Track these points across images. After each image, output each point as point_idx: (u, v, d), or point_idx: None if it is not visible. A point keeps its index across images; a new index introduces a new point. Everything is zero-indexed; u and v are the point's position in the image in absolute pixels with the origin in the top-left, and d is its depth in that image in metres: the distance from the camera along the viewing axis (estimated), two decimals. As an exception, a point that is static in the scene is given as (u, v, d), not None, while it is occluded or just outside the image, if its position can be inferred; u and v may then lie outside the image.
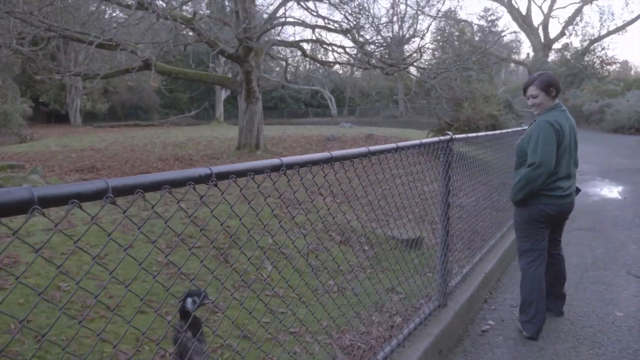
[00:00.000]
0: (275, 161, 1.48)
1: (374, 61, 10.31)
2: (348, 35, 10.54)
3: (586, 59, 33.68)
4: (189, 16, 10.13)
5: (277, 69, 32.63)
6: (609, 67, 34.70)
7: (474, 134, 3.56)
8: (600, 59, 33.81)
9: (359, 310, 4.10)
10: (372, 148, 2.11)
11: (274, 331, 3.67)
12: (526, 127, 3.97)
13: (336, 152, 1.77)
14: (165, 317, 3.84)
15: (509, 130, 4.94)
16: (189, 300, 2.02)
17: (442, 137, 2.74)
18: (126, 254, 1.29)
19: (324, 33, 13.24)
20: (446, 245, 3.13)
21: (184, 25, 9.63)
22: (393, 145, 2.42)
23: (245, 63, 10.79)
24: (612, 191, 9.75)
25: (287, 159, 1.56)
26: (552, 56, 38.37)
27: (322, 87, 35.68)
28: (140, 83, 32.40)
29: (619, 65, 39.98)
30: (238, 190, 1.67)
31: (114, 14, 15.03)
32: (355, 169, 2.03)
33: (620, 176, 11.51)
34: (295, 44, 12.93)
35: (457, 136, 2.94)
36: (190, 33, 10.72)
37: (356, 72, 37.12)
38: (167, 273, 4.70)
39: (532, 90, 3.56)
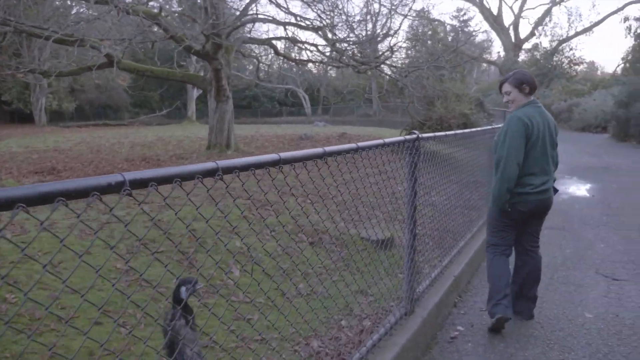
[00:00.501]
0: (210, 165, 1.34)
1: (345, 59, 10.18)
2: (320, 32, 10.39)
3: (555, 59, 34.41)
4: (155, 11, 9.82)
5: (250, 67, 32.32)
6: (576, 67, 35.55)
7: (442, 133, 3.42)
8: (569, 59, 34.60)
9: (329, 314, 3.96)
10: (329, 149, 1.96)
11: (239, 340, 3.49)
12: (499, 125, 4.00)
13: (285, 154, 1.61)
14: (124, 327, 3.64)
15: (478, 129, 4.85)
16: (183, 288, 2.02)
17: (407, 136, 2.59)
18: (81, 260, 1.21)
19: (297, 31, 13.10)
20: (413, 249, 2.99)
21: (149, 22, 9.31)
22: (353, 145, 2.26)
23: (214, 60, 10.53)
24: (580, 189, 9.85)
25: (223, 163, 1.43)
26: (522, 56, 39.05)
27: (296, 86, 35.47)
28: (108, 81, 31.55)
29: (586, 65, 40.96)
30: (203, 192, 1.58)
31: (81, 10, 14.56)
32: (309, 171, 1.86)
33: (588, 174, 11.67)
34: (267, 42, 12.70)
35: (425, 135, 2.80)
36: (156, 29, 10.39)
37: (330, 71, 37.08)
38: (126, 280, 4.47)
39: (506, 87, 3.67)
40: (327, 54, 12.00)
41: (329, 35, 10.17)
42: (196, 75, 12.45)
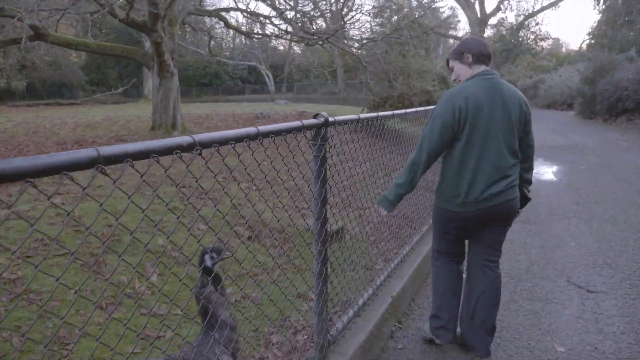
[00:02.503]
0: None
1: (295, 30, 9.36)
2: (267, 1, 9.51)
3: (521, 34, 34.23)
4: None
5: (213, 42, 30.93)
6: (542, 42, 35.43)
7: (354, 116, 2.39)
8: (534, 35, 34.43)
9: (259, 327, 3.34)
10: (198, 137, 1.41)
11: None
12: None
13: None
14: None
15: (416, 109, 4.10)
16: (206, 257, 2.05)
17: (311, 120, 1.86)
18: None
19: (253, 3, 12.12)
20: (324, 278, 2.24)
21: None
22: (254, 129, 1.78)
23: (153, 33, 9.55)
24: (546, 172, 9.12)
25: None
26: (488, 32, 38.70)
27: (258, 63, 34.25)
28: (59, 58, 29.75)
29: (551, 41, 40.94)
30: (129, 180, 1.21)
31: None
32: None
33: (554, 154, 11.03)
34: (215, 13, 11.72)
35: (337, 118, 2.05)
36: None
37: (294, 47, 35.99)
38: (10, 293, 3.67)
39: (449, 63, 2.92)
40: (281, 26, 11.14)
41: (277, 3, 9.30)
42: (135, 50, 11.40)
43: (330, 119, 1.92)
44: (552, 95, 24.01)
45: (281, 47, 40.03)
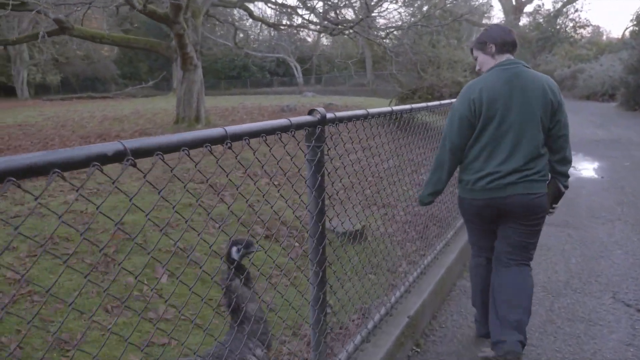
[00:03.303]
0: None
1: (317, 20, 9.04)
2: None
3: (559, 22, 32.89)
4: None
5: (241, 35, 30.83)
6: (582, 30, 33.97)
7: (350, 112, 1.89)
8: (573, 22, 33.03)
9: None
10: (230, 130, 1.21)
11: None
12: None
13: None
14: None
15: (440, 102, 3.69)
16: (234, 249, 2.02)
17: (303, 118, 1.51)
18: None
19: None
20: (321, 305, 1.89)
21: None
22: (220, 131, 1.45)
23: (175, 25, 9.39)
24: (587, 169, 8.40)
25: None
26: (523, 20, 37.39)
27: (287, 55, 34.00)
28: (91, 52, 30.22)
29: (591, 29, 39.31)
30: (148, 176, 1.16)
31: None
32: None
33: (596, 149, 10.27)
34: (240, 4, 11.49)
35: (339, 114, 1.71)
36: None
37: (323, 38, 35.64)
38: (14, 294, 3.53)
39: (473, 53, 2.88)
40: (306, 16, 10.84)
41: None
42: (159, 42, 11.29)
43: (329, 114, 1.60)
44: (592, 86, 22.97)
45: (310, 39, 39.70)
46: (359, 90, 31.43)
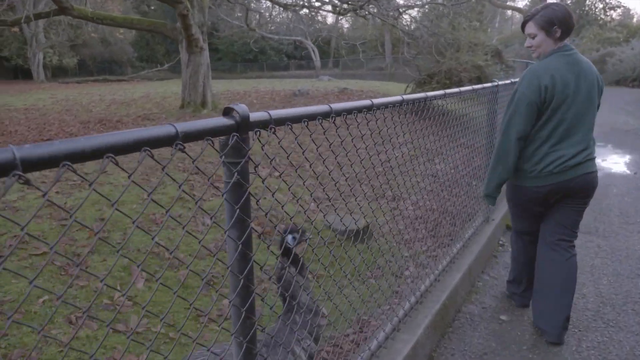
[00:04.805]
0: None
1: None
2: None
3: (587, 3, 31.59)
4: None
5: (257, 16, 30.18)
6: (612, 12, 32.58)
7: (297, 110, 1.32)
8: (603, 3, 31.68)
9: None
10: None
11: None
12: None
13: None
14: None
15: (440, 92, 3.01)
16: (290, 237, 1.98)
17: (211, 121, 0.94)
18: None
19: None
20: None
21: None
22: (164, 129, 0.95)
23: (178, 4, 8.91)
24: (617, 163, 7.47)
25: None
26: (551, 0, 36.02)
27: (304, 38, 33.27)
28: (106, 35, 29.98)
29: (622, 10, 37.71)
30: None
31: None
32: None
33: (627, 140, 9.35)
34: (249, -17, 10.93)
35: (273, 113, 1.11)
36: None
37: (342, 20, 34.80)
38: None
39: (529, 28, 2.76)
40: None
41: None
42: (163, 23, 10.83)
43: (256, 115, 1.08)
44: (623, 71, 22.08)
45: (329, 20, 38.87)
46: (378, 74, 30.70)
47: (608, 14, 32.41)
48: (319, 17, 35.45)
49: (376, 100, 1.93)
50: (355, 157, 2.18)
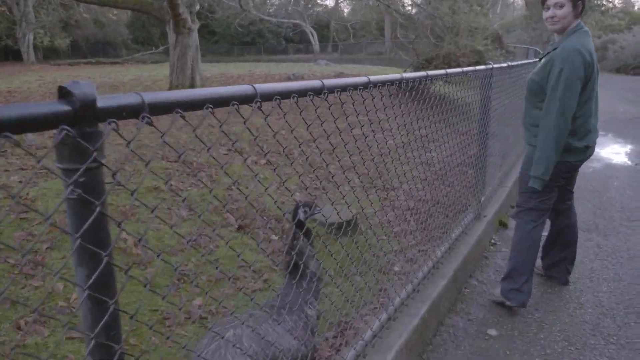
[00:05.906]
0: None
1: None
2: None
3: (590, -11, 31.12)
4: None
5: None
6: (614, -2, 32.14)
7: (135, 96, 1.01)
8: (605, -11, 31.28)
9: None
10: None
11: None
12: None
13: None
14: None
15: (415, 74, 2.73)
16: (300, 210, 2.10)
17: (38, 105, 0.61)
18: None
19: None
20: None
21: None
22: None
23: (163, -18, 8.49)
24: (618, 153, 7.21)
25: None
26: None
27: (302, 21, 32.67)
28: (98, 16, 29.31)
29: (623, -2, 37.23)
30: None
31: None
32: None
33: (628, 129, 9.08)
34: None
35: (119, 98, 0.81)
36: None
37: (341, 3, 34.18)
38: None
39: (560, 1, 2.75)
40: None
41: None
42: (149, 3, 10.41)
43: (112, 100, 0.77)
44: (624, 58, 21.97)
45: (328, 2, 38.21)
46: (377, 59, 30.27)
47: (610, 0, 32.02)
48: (319, 0, 34.83)
49: (373, 78, 1.82)
50: (343, 142, 2.08)
